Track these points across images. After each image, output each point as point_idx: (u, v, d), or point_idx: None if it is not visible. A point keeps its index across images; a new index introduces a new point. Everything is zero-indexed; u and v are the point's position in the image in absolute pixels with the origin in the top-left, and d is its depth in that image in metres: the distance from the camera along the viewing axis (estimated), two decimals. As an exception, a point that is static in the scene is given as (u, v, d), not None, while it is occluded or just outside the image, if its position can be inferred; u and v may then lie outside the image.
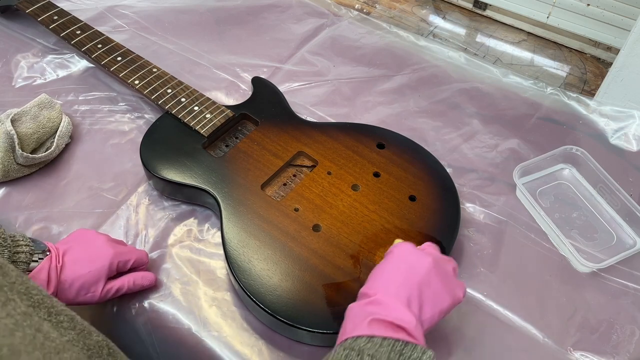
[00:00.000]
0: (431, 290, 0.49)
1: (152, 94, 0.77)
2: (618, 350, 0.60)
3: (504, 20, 1.27)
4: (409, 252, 0.52)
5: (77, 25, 0.86)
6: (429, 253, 0.52)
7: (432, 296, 0.49)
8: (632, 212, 0.69)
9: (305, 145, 0.73)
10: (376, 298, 0.48)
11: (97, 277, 0.57)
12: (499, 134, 0.82)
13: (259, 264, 0.60)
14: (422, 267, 0.50)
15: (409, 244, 0.54)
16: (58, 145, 0.75)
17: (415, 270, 0.50)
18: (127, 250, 0.61)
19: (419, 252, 0.52)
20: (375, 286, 0.50)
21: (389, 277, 0.50)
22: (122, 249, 0.60)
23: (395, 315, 0.46)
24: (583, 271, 0.66)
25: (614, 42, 1.17)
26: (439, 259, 0.53)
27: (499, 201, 0.73)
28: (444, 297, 0.50)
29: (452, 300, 0.51)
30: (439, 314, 0.49)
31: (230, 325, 0.61)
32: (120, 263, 0.59)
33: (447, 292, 0.50)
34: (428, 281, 0.49)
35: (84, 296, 0.56)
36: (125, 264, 0.60)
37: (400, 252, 0.53)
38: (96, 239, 0.60)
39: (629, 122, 0.83)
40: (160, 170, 0.69)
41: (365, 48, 0.96)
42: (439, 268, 0.51)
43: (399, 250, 0.53)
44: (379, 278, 0.51)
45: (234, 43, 0.96)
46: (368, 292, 0.50)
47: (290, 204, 0.66)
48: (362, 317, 0.47)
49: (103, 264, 0.57)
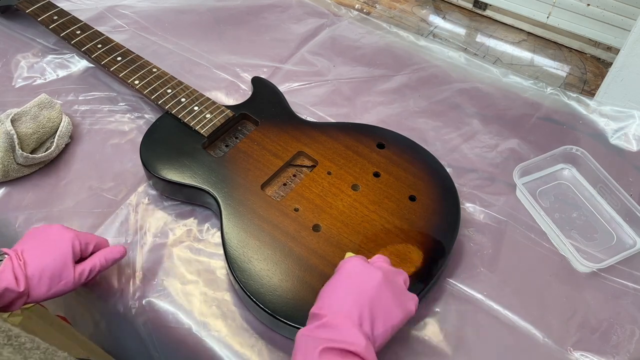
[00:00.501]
0: (382, 305, 0.49)
1: (152, 94, 0.77)
2: (618, 350, 0.60)
3: (504, 20, 1.27)
4: (358, 268, 0.52)
5: (77, 25, 0.86)
6: (378, 267, 0.52)
7: (384, 312, 0.49)
8: (632, 212, 0.69)
9: (305, 145, 0.73)
10: (326, 321, 0.47)
11: (64, 262, 0.56)
12: (499, 134, 0.82)
13: (259, 264, 0.60)
14: (372, 282, 0.50)
15: (359, 259, 0.53)
16: (58, 145, 0.75)
17: (365, 286, 0.49)
18: (85, 234, 0.60)
19: (369, 267, 0.52)
20: (325, 306, 0.49)
21: (339, 295, 0.50)
22: (79, 232, 0.59)
23: (346, 340, 0.45)
24: (583, 271, 0.66)
25: (614, 42, 1.17)
26: (388, 272, 0.52)
27: (499, 201, 0.73)
28: (395, 311, 0.49)
29: (404, 313, 0.50)
30: (392, 329, 0.49)
31: (230, 325, 0.61)
32: (82, 245, 0.58)
33: (398, 306, 0.50)
34: (378, 296, 0.49)
35: (58, 285, 0.55)
36: (87, 247, 0.58)
37: (349, 268, 0.52)
38: (50, 228, 0.59)
39: (629, 122, 0.83)
40: (160, 170, 0.69)
41: (365, 48, 0.96)
42: (389, 282, 0.50)
43: (348, 265, 0.52)
44: (329, 296, 0.50)
45: (234, 43, 0.96)
46: (318, 313, 0.49)
47: (290, 204, 0.66)
48: (312, 347, 0.46)
49: (66, 246, 0.56)
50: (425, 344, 0.60)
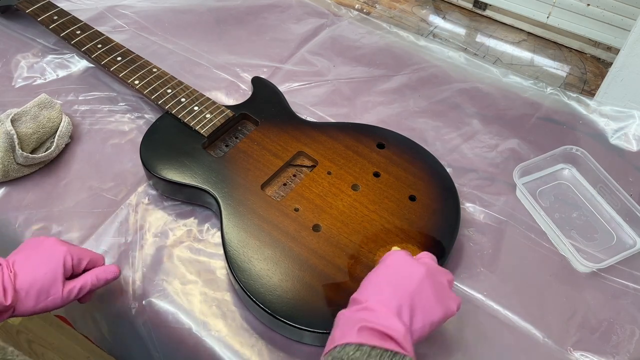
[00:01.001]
0: (423, 300, 0.49)
1: (152, 94, 0.77)
2: (618, 350, 0.60)
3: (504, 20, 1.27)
4: (402, 261, 0.52)
5: (77, 25, 0.86)
6: (423, 263, 0.52)
7: (424, 306, 0.49)
8: (632, 212, 0.69)
9: (305, 145, 0.73)
10: (367, 305, 0.48)
11: (53, 278, 0.54)
12: (499, 134, 0.82)
13: (259, 264, 0.60)
14: (414, 276, 0.50)
15: (404, 252, 0.53)
16: (58, 145, 0.75)
17: (407, 279, 0.50)
18: (80, 249, 0.59)
19: (413, 261, 0.52)
20: (367, 293, 0.50)
21: (380, 284, 0.50)
22: (74, 247, 0.58)
23: (385, 323, 0.46)
24: (583, 271, 0.66)
25: (614, 42, 1.17)
26: (433, 269, 0.52)
27: (499, 201, 0.73)
28: (436, 308, 0.49)
29: (444, 312, 0.50)
30: (430, 326, 0.49)
31: (230, 325, 0.61)
32: (74, 260, 0.56)
33: (439, 304, 0.49)
34: (420, 291, 0.49)
35: (45, 301, 0.54)
36: (79, 263, 0.57)
37: (393, 260, 0.52)
38: (45, 241, 0.57)
39: (629, 122, 0.83)
40: (160, 170, 0.69)
41: (365, 48, 0.96)
42: (432, 278, 0.50)
43: (393, 258, 0.53)
44: (371, 285, 0.51)
45: (234, 43, 0.96)
46: (359, 299, 0.49)
47: (290, 204, 0.66)
48: (351, 325, 0.46)
49: (57, 261, 0.55)
50: (425, 344, 0.60)
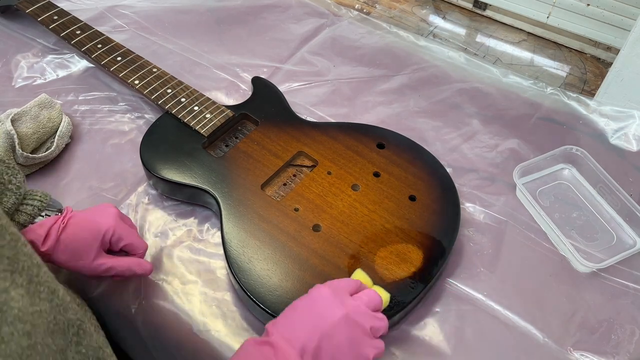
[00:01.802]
0: (331, 345, 0.47)
1: (152, 94, 0.77)
2: (618, 350, 0.60)
3: (504, 20, 1.27)
4: (325, 298, 0.50)
5: (77, 25, 0.86)
6: (348, 304, 0.49)
7: (332, 351, 0.47)
8: (632, 212, 0.69)
9: (305, 145, 0.73)
10: (272, 340, 0.47)
11: (89, 245, 0.56)
12: (499, 134, 0.82)
13: (259, 264, 0.60)
14: (330, 318, 0.48)
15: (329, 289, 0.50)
16: (58, 145, 0.75)
17: (322, 319, 0.48)
18: (127, 230, 0.60)
19: (334, 301, 0.49)
20: (279, 324, 0.49)
21: (294, 319, 0.49)
22: (122, 226, 0.59)
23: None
24: (583, 271, 0.66)
25: (614, 42, 1.17)
26: (356, 312, 0.49)
27: (499, 201, 0.73)
28: (345, 355, 0.47)
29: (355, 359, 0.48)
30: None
31: (230, 325, 0.61)
32: (114, 237, 0.58)
33: (351, 351, 0.48)
34: (332, 335, 0.47)
35: (76, 262, 0.56)
36: (118, 241, 0.58)
37: (316, 296, 0.50)
38: (107, 209, 0.60)
39: (629, 122, 0.83)
40: (160, 170, 0.69)
41: (365, 48, 0.96)
42: (350, 322, 0.48)
43: (317, 293, 0.51)
44: (285, 317, 0.50)
45: (234, 43, 0.96)
46: (270, 330, 0.48)
47: (290, 204, 0.66)
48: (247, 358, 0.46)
49: (98, 233, 0.57)
50: (425, 344, 0.60)
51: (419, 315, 0.62)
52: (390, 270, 0.60)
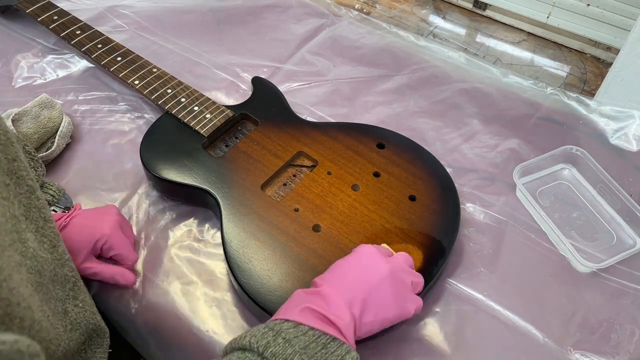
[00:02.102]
0: (378, 297, 0.49)
1: (152, 94, 0.77)
2: (618, 350, 0.60)
3: (504, 20, 1.27)
4: (371, 255, 0.53)
5: (77, 25, 0.86)
6: (390, 261, 0.52)
7: (378, 303, 0.49)
8: (632, 212, 0.69)
9: (305, 145, 0.73)
10: (320, 290, 0.49)
11: (80, 248, 0.58)
12: (499, 134, 0.82)
13: (259, 264, 0.60)
14: (377, 272, 0.50)
15: (374, 248, 0.54)
16: (58, 145, 0.75)
17: (369, 273, 0.50)
18: (119, 239, 0.61)
19: (380, 257, 0.52)
20: (326, 278, 0.51)
21: (341, 273, 0.51)
22: (116, 235, 0.60)
23: (331, 310, 0.47)
24: (583, 271, 0.66)
25: (614, 42, 1.17)
26: (399, 268, 0.52)
27: (499, 201, 0.73)
28: (391, 307, 0.50)
29: (399, 312, 0.51)
30: (381, 322, 0.50)
31: (230, 325, 0.61)
32: (105, 245, 0.60)
33: (395, 303, 0.50)
34: (378, 287, 0.50)
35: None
36: (108, 250, 0.60)
37: (361, 253, 0.53)
38: (108, 214, 0.61)
39: (629, 122, 0.83)
40: (160, 170, 0.69)
41: (365, 48, 0.96)
42: (394, 278, 0.51)
43: (363, 250, 0.53)
44: (333, 271, 0.52)
45: (234, 43, 0.96)
46: (317, 282, 0.51)
47: (290, 204, 0.66)
48: (297, 303, 0.47)
49: (91, 238, 0.59)
50: (425, 344, 0.60)
51: (419, 315, 0.62)
52: (390, 270, 0.60)
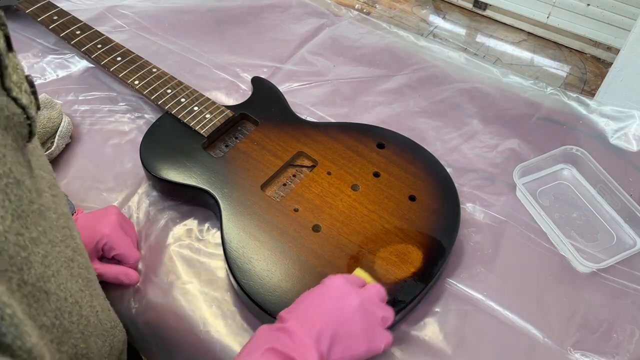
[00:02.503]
0: (347, 331, 0.48)
1: (152, 94, 0.77)
2: (618, 350, 0.60)
3: (504, 20, 1.27)
4: (338, 287, 0.51)
5: (77, 26, 0.86)
6: (360, 293, 0.51)
7: (347, 338, 0.48)
8: (632, 212, 0.69)
9: (305, 145, 0.73)
10: (287, 326, 0.47)
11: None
12: (499, 134, 0.82)
13: (259, 264, 0.60)
14: (345, 304, 0.49)
15: (343, 278, 0.52)
16: (58, 145, 0.75)
17: (338, 307, 0.49)
18: (121, 239, 0.61)
19: (349, 289, 0.51)
20: (293, 311, 0.49)
21: (309, 306, 0.49)
22: (117, 235, 0.61)
23: (297, 350, 0.45)
24: (583, 271, 0.66)
25: (614, 42, 1.17)
26: (370, 302, 0.51)
27: (499, 201, 0.73)
28: (360, 342, 0.48)
29: (368, 348, 0.49)
30: (350, 358, 0.48)
31: (230, 325, 0.61)
32: (106, 246, 0.60)
33: (365, 339, 0.49)
34: (347, 322, 0.48)
35: None
36: (110, 250, 0.60)
37: (330, 285, 0.51)
38: (108, 215, 0.62)
39: (629, 122, 0.83)
40: (160, 170, 0.69)
41: (365, 48, 0.96)
42: (364, 311, 0.49)
43: (332, 282, 0.52)
44: (300, 304, 0.50)
45: (234, 43, 0.96)
46: (283, 316, 0.49)
47: (290, 204, 0.66)
48: (262, 343, 0.45)
49: (92, 239, 0.59)
50: (425, 344, 0.60)
51: (419, 315, 0.62)
52: (390, 271, 0.60)
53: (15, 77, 0.34)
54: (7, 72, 0.33)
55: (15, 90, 0.33)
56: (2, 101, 0.32)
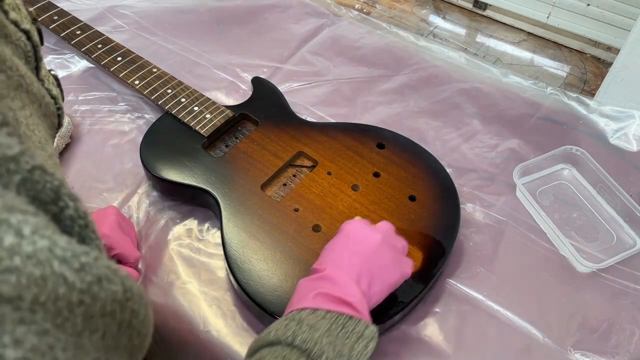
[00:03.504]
0: (380, 265, 0.51)
1: (152, 94, 0.77)
2: (618, 350, 0.60)
3: (504, 20, 1.27)
4: (359, 229, 0.54)
5: (77, 26, 0.86)
6: (379, 230, 0.54)
7: (381, 271, 0.51)
8: (632, 212, 0.69)
9: (305, 145, 0.73)
10: (325, 274, 0.49)
11: None
12: (499, 134, 0.82)
13: (259, 264, 0.60)
14: (371, 243, 0.52)
15: (359, 221, 0.55)
16: (58, 146, 0.75)
17: (364, 245, 0.52)
18: (120, 239, 0.61)
19: (369, 228, 0.54)
20: (325, 261, 0.51)
21: (339, 252, 0.52)
22: (116, 235, 0.61)
23: (342, 290, 0.47)
24: (583, 271, 0.66)
25: (614, 42, 1.17)
26: (389, 235, 0.54)
27: (499, 201, 0.73)
28: (393, 271, 0.52)
29: (400, 275, 0.52)
30: (388, 288, 0.51)
31: (230, 325, 0.61)
32: (105, 246, 0.59)
33: (395, 267, 0.52)
34: (377, 257, 0.51)
35: None
36: (109, 250, 0.60)
37: (350, 229, 0.54)
38: (107, 215, 0.62)
39: (629, 122, 0.83)
40: (160, 170, 0.69)
41: (365, 48, 0.96)
42: (388, 244, 0.53)
43: (350, 226, 0.55)
44: (330, 253, 0.52)
45: (234, 43, 0.96)
46: (318, 268, 0.51)
47: (290, 204, 0.66)
48: (308, 291, 0.48)
49: None
50: (425, 344, 0.60)
51: (419, 315, 0.62)
52: (390, 270, 0.60)
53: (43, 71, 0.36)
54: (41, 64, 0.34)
55: (46, 81, 0.35)
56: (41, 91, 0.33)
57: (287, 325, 0.45)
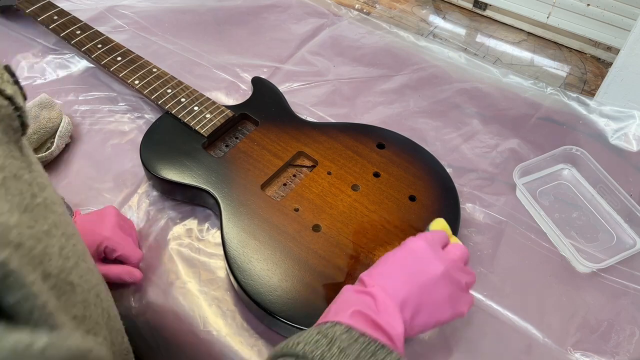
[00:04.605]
0: (432, 299, 0.47)
1: (152, 94, 0.77)
2: (618, 350, 0.60)
3: (504, 20, 1.27)
4: (424, 251, 0.49)
5: (77, 25, 0.86)
6: (444, 258, 0.49)
7: (432, 305, 0.47)
8: (632, 212, 0.69)
9: (305, 145, 0.73)
10: (371, 291, 0.46)
11: None
12: (499, 134, 0.82)
13: (259, 264, 0.60)
14: (431, 272, 0.48)
15: (427, 243, 0.50)
16: (58, 146, 0.75)
17: (423, 273, 0.48)
18: (121, 240, 0.61)
19: (432, 255, 0.49)
20: (376, 276, 0.48)
21: (392, 272, 0.48)
22: (117, 236, 0.61)
23: (383, 318, 0.44)
24: (583, 271, 0.66)
25: (614, 42, 1.17)
26: (454, 268, 0.49)
27: (499, 201, 0.73)
28: (444, 309, 0.48)
29: (453, 314, 0.49)
30: (434, 324, 0.48)
31: (230, 325, 0.61)
32: (108, 249, 0.60)
33: (450, 305, 0.48)
34: (432, 289, 0.47)
35: None
36: (112, 252, 0.60)
37: (415, 248, 0.50)
38: (107, 216, 0.62)
39: (629, 122, 0.83)
40: (160, 170, 0.69)
41: (365, 48, 0.96)
42: (449, 279, 0.48)
43: (415, 245, 0.50)
44: (383, 269, 0.49)
45: (234, 43, 0.96)
46: (367, 281, 0.48)
47: (290, 204, 0.66)
48: (348, 305, 0.45)
49: (92, 242, 0.59)
50: (425, 344, 0.60)
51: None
52: (390, 270, 0.60)
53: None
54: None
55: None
56: None
57: (317, 341, 0.42)
